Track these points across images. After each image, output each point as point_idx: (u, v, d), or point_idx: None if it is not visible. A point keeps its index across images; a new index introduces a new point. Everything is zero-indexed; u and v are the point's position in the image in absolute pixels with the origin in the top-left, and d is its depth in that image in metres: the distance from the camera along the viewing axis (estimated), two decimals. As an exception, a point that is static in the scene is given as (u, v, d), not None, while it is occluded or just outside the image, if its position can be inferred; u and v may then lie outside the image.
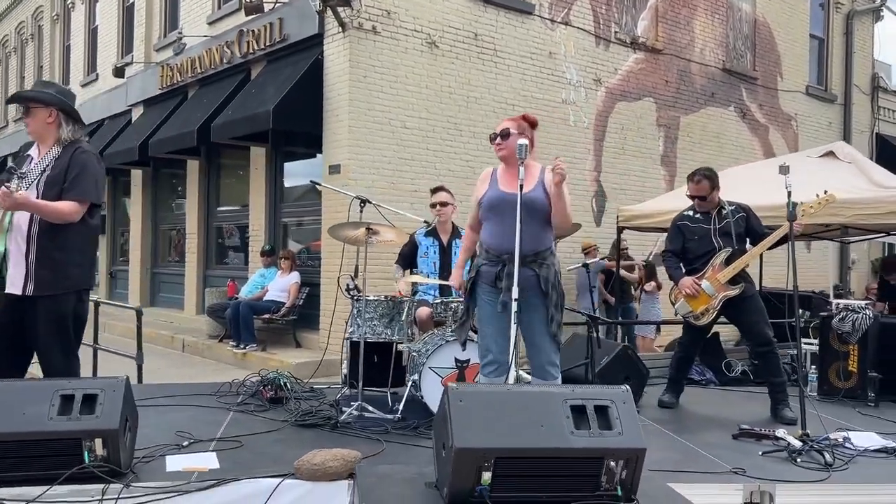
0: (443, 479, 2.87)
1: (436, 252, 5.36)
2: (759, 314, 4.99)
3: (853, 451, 4.01)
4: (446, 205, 5.37)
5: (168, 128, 11.31)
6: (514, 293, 3.46)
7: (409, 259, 5.45)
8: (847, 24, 15.30)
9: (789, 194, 4.43)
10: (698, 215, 5.15)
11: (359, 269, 4.80)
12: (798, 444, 3.98)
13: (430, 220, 5.53)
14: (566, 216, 3.72)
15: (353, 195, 5.02)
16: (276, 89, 9.08)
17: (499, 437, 2.74)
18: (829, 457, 3.80)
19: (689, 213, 5.21)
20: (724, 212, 5.08)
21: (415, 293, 5.27)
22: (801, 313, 7.00)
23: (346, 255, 5.89)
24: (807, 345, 6.22)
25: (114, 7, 14.44)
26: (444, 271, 5.26)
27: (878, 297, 9.44)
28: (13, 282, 3.57)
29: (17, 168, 3.49)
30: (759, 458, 3.89)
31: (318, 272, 9.14)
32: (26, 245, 3.57)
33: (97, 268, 16.15)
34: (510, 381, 3.50)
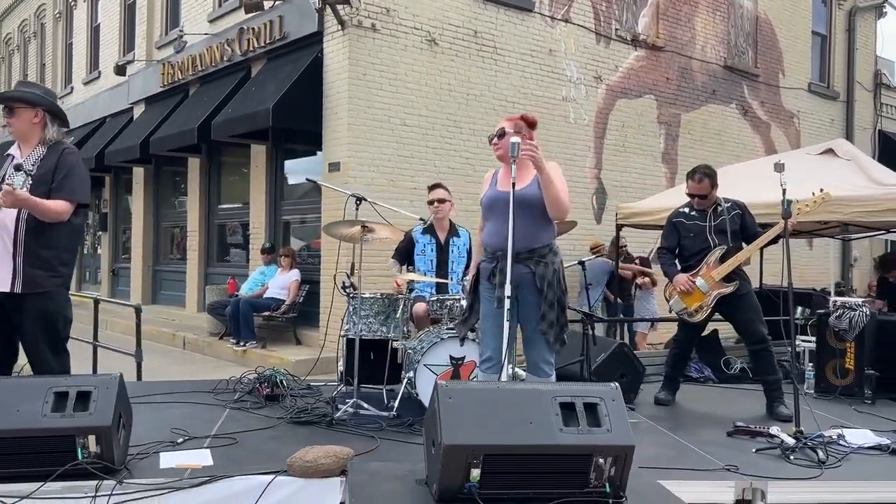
0: (432, 475, 2.89)
1: (433, 249, 5.36)
2: (754, 312, 4.99)
3: (847, 448, 4.02)
4: (443, 202, 5.37)
5: (169, 126, 11.35)
6: (508, 290, 3.46)
7: (405, 255, 5.44)
8: (849, 20, 15.23)
9: (784, 192, 4.43)
10: (694, 212, 5.14)
11: (355, 266, 4.81)
12: (792, 441, 3.98)
13: (427, 218, 5.54)
14: (558, 202, 3.62)
15: (348, 193, 5.03)
16: (276, 87, 9.10)
17: (488, 434, 2.75)
18: (822, 454, 3.80)
19: (685, 210, 5.21)
20: (720, 209, 5.07)
21: (411, 290, 5.28)
22: (801, 311, 7.00)
23: (343, 253, 5.91)
24: (806, 342, 6.21)
25: (115, 5, 14.49)
26: (441, 269, 5.27)
27: (877, 295, 9.44)
28: (0, 280, 3.58)
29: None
30: (753, 455, 3.89)
31: (318, 270, 9.15)
32: (13, 244, 3.59)
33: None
34: (504, 377, 3.51)
